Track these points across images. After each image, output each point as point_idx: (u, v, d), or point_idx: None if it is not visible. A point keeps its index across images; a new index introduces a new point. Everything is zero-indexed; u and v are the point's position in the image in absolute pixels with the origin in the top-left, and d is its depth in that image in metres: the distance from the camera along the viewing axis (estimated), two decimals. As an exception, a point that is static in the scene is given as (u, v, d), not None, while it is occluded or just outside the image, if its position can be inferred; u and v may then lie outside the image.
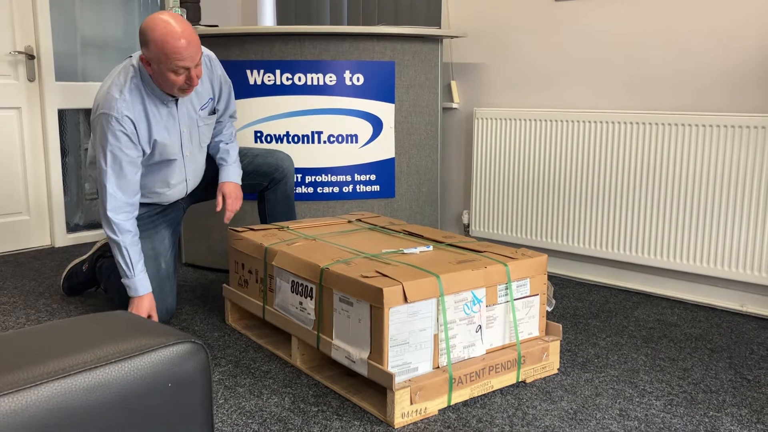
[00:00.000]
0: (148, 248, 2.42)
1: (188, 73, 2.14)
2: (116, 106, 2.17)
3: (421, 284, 1.79)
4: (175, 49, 2.07)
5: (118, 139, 2.19)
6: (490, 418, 1.81)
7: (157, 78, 2.18)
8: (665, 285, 2.86)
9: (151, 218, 2.47)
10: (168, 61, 2.09)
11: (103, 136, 2.19)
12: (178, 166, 2.42)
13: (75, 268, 2.78)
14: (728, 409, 1.87)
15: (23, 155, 3.55)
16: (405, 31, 2.99)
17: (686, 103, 2.74)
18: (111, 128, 2.17)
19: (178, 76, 2.13)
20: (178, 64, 2.09)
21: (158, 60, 2.11)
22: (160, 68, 2.13)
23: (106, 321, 0.92)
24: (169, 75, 2.12)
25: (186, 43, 2.09)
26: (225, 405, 1.87)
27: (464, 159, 3.50)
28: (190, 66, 2.12)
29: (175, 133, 2.34)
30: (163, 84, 2.18)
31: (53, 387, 0.73)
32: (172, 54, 2.08)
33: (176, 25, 2.09)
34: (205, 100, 2.41)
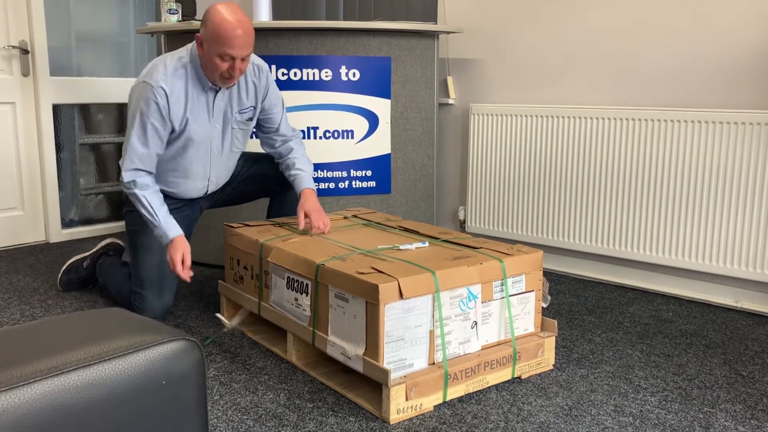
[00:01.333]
0: (156, 242, 2.42)
1: (233, 63, 2.17)
2: (155, 76, 2.22)
3: (416, 280, 1.79)
4: (228, 34, 2.12)
5: (149, 107, 2.22)
6: (485, 414, 1.81)
7: (204, 59, 2.22)
8: (660, 281, 2.86)
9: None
10: (218, 44, 2.14)
11: (135, 102, 2.25)
12: (203, 160, 2.40)
13: (75, 264, 2.78)
14: (722, 404, 1.88)
15: (18, 150, 3.53)
16: (401, 27, 2.98)
17: (683, 100, 2.75)
18: (144, 95, 2.22)
19: (223, 62, 2.17)
20: (226, 50, 2.14)
21: (210, 40, 2.16)
22: (209, 50, 2.17)
23: (100, 318, 0.91)
24: (215, 59, 2.17)
25: (240, 33, 2.13)
26: (220, 401, 1.87)
27: (460, 155, 3.50)
28: (237, 56, 2.16)
29: (206, 123, 2.35)
30: (207, 67, 2.23)
31: (46, 385, 0.72)
32: (224, 38, 2.13)
33: (236, 13, 2.15)
34: (246, 106, 2.41)
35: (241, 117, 2.41)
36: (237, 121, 2.41)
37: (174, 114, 2.25)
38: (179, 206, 2.48)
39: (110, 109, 3.90)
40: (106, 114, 3.90)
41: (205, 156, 2.39)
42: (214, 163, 2.44)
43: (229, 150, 2.46)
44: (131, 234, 2.46)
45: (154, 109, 2.22)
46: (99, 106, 3.85)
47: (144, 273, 2.41)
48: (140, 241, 2.43)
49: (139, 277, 2.42)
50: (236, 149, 2.49)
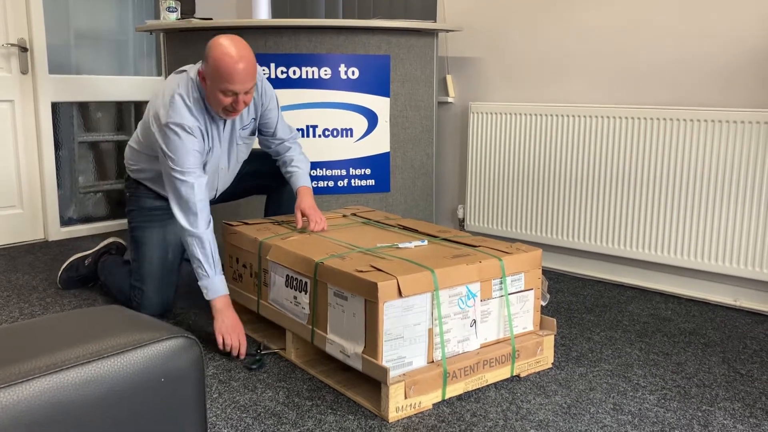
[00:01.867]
0: (158, 236, 2.43)
1: (236, 97, 2.15)
2: (185, 116, 2.17)
3: (415, 278, 1.79)
4: (229, 70, 2.09)
5: (190, 142, 2.18)
6: (484, 412, 1.81)
7: (208, 94, 2.20)
8: (659, 280, 2.86)
9: (168, 212, 2.43)
10: (220, 81, 2.11)
11: (173, 145, 2.17)
12: (212, 177, 2.41)
13: (76, 262, 2.79)
14: (721, 403, 1.88)
15: (16, 148, 3.53)
16: (400, 25, 2.98)
17: (682, 98, 2.75)
18: (182, 137, 2.16)
19: (226, 97, 2.15)
20: (228, 86, 2.11)
21: (212, 77, 2.14)
22: (212, 85, 2.15)
23: (99, 315, 0.91)
24: (218, 94, 2.15)
25: (241, 68, 2.10)
26: (219, 399, 1.87)
27: (459, 153, 3.50)
28: (239, 92, 2.14)
29: (218, 150, 2.35)
30: (211, 102, 2.20)
31: (45, 382, 0.72)
32: (225, 74, 2.10)
33: (237, 48, 2.11)
34: (248, 121, 2.41)
35: (244, 133, 2.42)
36: (241, 137, 2.42)
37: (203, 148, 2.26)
38: None
39: (109, 107, 3.90)
40: (105, 112, 3.89)
41: (214, 174, 2.41)
42: (221, 177, 2.46)
43: (236, 163, 2.48)
44: (134, 230, 2.47)
45: (196, 145, 2.20)
46: (98, 104, 3.85)
47: (145, 267, 2.42)
48: (142, 236, 2.44)
49: (140, 272, 2.43)
50: (241, 160, 2.51)
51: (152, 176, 2.44)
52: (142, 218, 2.45)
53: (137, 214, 2.47)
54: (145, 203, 2.46)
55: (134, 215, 2.48)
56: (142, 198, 2.47)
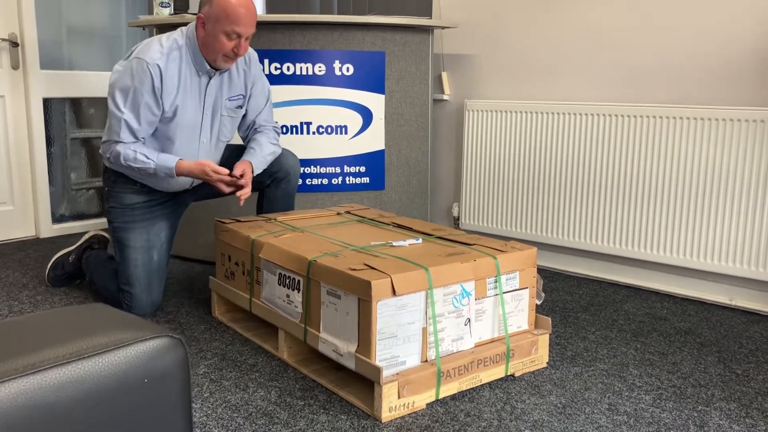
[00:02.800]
0: (142, 239, 2.39)
1: (238, 41, 2.19)
2: (150, 54, 2.19)
3: (409, 277, 1.77)
4: (236, 11, 2.15)
5: (142, 83, 2.18)
6: (478, 412, 1.79)
7: (207, 40, 2.21)
8: (655, 279, 2.85)
9: (151, 209, 2.42)
10: (226, 22, 2.15)
11: (127, 78, 2.19)
12: (191, 149, 2.36)
13: (61, 259, 2.75)
14: (717, 403, 1.86)
15: (7, 144, 3.49)
16: (396, 21, 2.96)
17: (679, 96, 2.73)
18: (138, 72, 2.17)
19: (229, 40, 2.18)
20: (234, 27, 2.16)
21: (216, 19, 2.16)
22: (214, 29, 2.17)
23: (82, 314, 0.89)
24: (221, 37, 2.17)
25: (246, 11, 2.17)
26: (210, 398, 1.85)
27: (455, 151, 3.48)
28: (243, 34, 2.19)
29: (198, 110, 2.32)
30: (210, 48, 2.21)
31: (22, 383, 0.70)
32: (232, 15, 2.15)
33: None
34: (236, 93, 2.40)
35: (230, 104, 2.39)
36: (226, 108, 2.39)
37: (166, 95, 2.22)
38: (165, 200, 2.45)
39: (102, 104, 3.86)
40: (98, 108, 3.86)
41: (193, 144, 2.36)
42: (202, 152, 2.40)
43: (216, 139, 2.43)
44: (116, 231, 2.41)
45: (148, 87, 2.19)
46: (90, 101, 3.81)
47: (131, 270, 2.38)
48: (125, 237, 2.39)
49: (126, 275, 2.39)
50: (224, 138, 2.46)
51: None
52: (124, 218, 2.39)
53: (119, 212, 2.40)
54: (126, 199, 2.39)
55: (116, 214, 2.40)
56: (121, 194, 2.39)
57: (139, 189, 2.39)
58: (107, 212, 2.45)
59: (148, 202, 2.41)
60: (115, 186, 2.40)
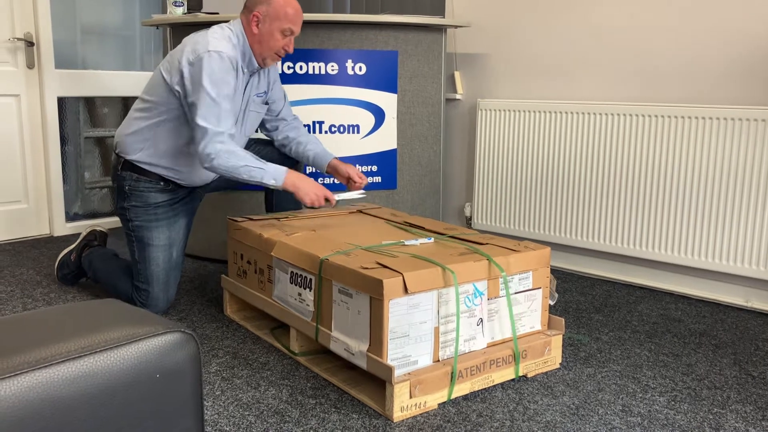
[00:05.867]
0: (164, 237, 2.39)
1: (290, 39, 2.29)
2: (226, 47, 2.22)
3: (421, 275, 1.76)
4: (295, 11, 2.27)
5: (228, 73, 2.20)
6: (490, 412, 1.78)
7: (261, 37, 2.27)
8: (669, 280, 2.82)
9: (173, 206, 2.42)
10: (285, 20, 2.25)
11: (213, 71, 2.17)
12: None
13: (65, 258, 2.75)
14: (733, 405, 1.84)
15: (22, 143, 3.51)
16: (408, 20, 2.95)
17: (693, 96, 2.70)
18: (219, 62, 2.18)
19: (284, 38, 2.27)
20: (291, 26, 2.26)
21: (275, 17, 2.24)
22: (271, 27, 2.25)
23: (94, 309, 0.89)
24: (277, 35, 2.26)
25: (300, 11, 2.29)
26: (222, 397, 1.85)
27: (467, 151, 3.46)
28: (297, 32, 2.29)
29: (238, 104, 2.35)
30: (265, 45, 2.27)
31: (35, 377, 0.70)
32: (292, 15, 2.26)
33: None
34: (261, 90, 2.46)
35: (258, 100, 2.45)
36: (255, 103, 2.44)
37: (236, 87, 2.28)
38: (183, 196, 2.46)
39: (115, 103, 3.88)
40: (111, 107, 3.88)
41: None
42: None
43: (243, 134, 2.45)
44: (137, 230, 2.39)
45: (233, 76, 2.22)
46: (104, 100, 3.83)
47: (152, 269, 2.38)
48: (148, 236, 2.38)
49: (146, 274, 2.39)
50: (247, 134, 2.49)
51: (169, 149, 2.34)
52: (147, 216, 2.38)
53: (141, 211, 2.37)
54: (150, 198, 2.37)
55: (138, 212, 2.38)
56: (145, 193, 2.37)
57: (163, 187, 2.38)
58: (126, 210, 2.39)
59: (171, 200, 2.42)
60: (138, 184, 2.36)
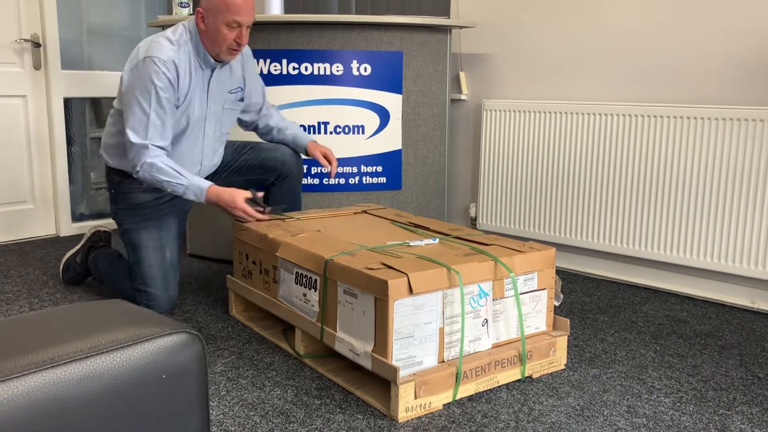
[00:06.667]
0: (154, 238, 2.40)
1: (240, 30, 2.19)
2: (163, 51, 2.19)
3: (426, 276, 1.76)
4: (234, 1, 2.15)
5: (161, 80, 2.18)
6: (495, 413, 1.78)
7: (208, 33, 2.21)
8: (675, 281, 2.81)
9: (159, 206, 2.43)
10: (226, 13, 2.16)
11: (145, 79, 2.17)
12: (197, 144, 2.37)
13: (70, 260, 2.76)
14: (739, 407, 1.83)
15: (29, 144, 3.53)
16: (413, 21, 2.95)
17: (698, 96, 2.70)
18: (155, 70, 2.17)
19: (231, 30, 2.18)
20: (235, 17, 2.16)
21: (216, 11, 2.17)
22: (215, 21, 2.18)
23: (100, 309, 0.89)
24: (222, 29, 2.18)
25: (245, 2, 2.17)
26: (227, 397, 1.85)
27: (472, 151, 3.46)
28: (244, 23, 2.19)
29: (202, 104, 2.33)
30: (212, 41, 2.22)
31: (41, 377, 0.70)
32: (231, 5, 2.15)
33: None
34: (235, 86, 2.42)
35: (231, 97, 2.42)
36: (229, 101, 2.41)
37: (181, 89, 2.24)
38: (173, 198, 2.44)
39: (121, 103, 3.90)
40: (117, 108, 3.89)
41: (198, 139, 2.38)
42: (207, 146, 2.42)
43: (219, 133, 2.45)
44: (127, 233, 2.41)
45: (166, 84, 2.19)
46: (110, 100, 3.84)
47: (146, 270, 2.39)
48: (137, 237, 2.39)
49: (142, 275, 2.39)
50: (225, 132, 2.49)
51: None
52: (134, 218, 2.39)
53: (128, 213, 2.39)
54: (134, 199, 2.38)
55: (125, 215, 2.40)
56: (128, 193, 2.38)
57: (146, 187, 2.37)
58: (115, 214, 2.44)
59: (157, 200, 2.41)
60: (121, 186, 2.39)
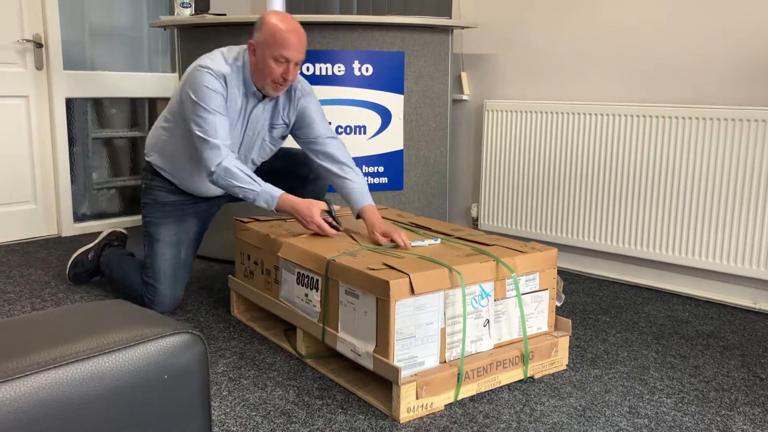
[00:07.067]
0: (171, 234, 2.42)
1: (287, 66, 2.16)
2: (217, 64, 2.19)
3: (428, 276, 1.76)
4: (285, 36, 2.13)
5: (216, 87, 2.17)
6: (497, 413, 1.78)
7: (257, 65, 2.19)
8: (676, 281, 2.81)
9: (182, 206, 2.45)
10: (275, 47, 2.14)
11: (201, 85, 2.16)
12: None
13: (81, 257, 2.78)
14: (741, 407, 1.83)
15: (31, 144, 3.53)
16: (415, 21, 2.95)
17: (700, 96, 2.69)
18: (209, 79, 2.17)
19: (278, 65, 2.15)
20: (283, 52, 2.13)
21: (265, 44, 2.15)
22: (264, 54, 2.16)
23: (102, 310, 0.89)
24: (270, 62, 2.15)
25: (296, 36, 2.15)
26: (229, 397, 1.85)
27: (474, 151, 3.46)
28: (291, 59, 2.15)
29: (237, 129, 2.31)
30: (259, 73, 2.19)
31: (44, 377, 0.70)
32: (281, 39, 2.13)
33: (291, 20, 2.18)
34: (280, 122, 2.37)
35: (274, 131, 2.38)
36: (270, 135, 2.38)
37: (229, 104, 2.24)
38: (197, 200, 2.47)
39: (123, 104, 3.90)
40: (119, 108, 3.89)
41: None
42: None
43: (251, 164, 2.43)
44: (148, 225, 2.46)
45: (221, 91, 2.20)
46: (112, 101, 3.85)
47: (159, 265, 2.41)
48: (155, 231, 2.43)
49: (154, 269, 2.42)
50: (259, 161, 2.47)
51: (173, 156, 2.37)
52: (157, 213, 2.44)
53: (152, 208, 2.45)
54: (160, 197, 2.44)
55: (149, 209, 2.46)
56: (156, 190, 2.44)
57: (174, 189, 2.43)
58: (142, 206, 2.50)
59: (181, 202, 2.45)
60: (152, 183, 2.45)
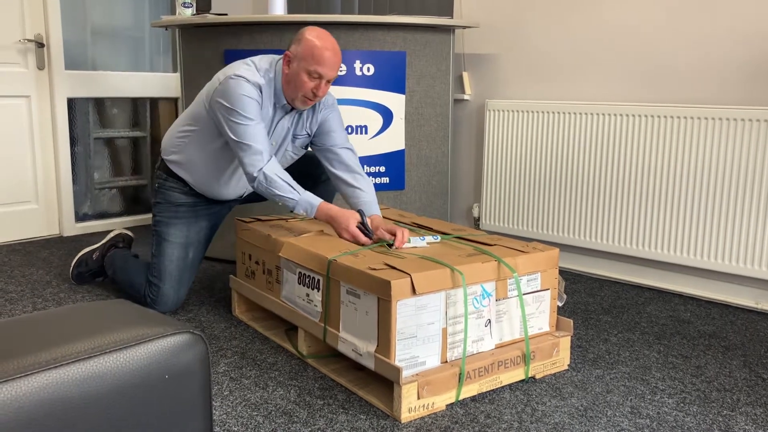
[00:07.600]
0: (181, 235, 2.42)
1: (319, 82, 2.17)
2: (250, 73, 2.20)
3: (429, 276, 1.76)
4: (322, 53, 2.15)
5: (252, 95, 2.18)
6: (498, 414, 1.78)
7: (290, 77, 2.20)
8: (678, 281, 2.81)
9: (195, 208, 2.45)
10: (310, 61, 2.15)
11: (237, 94, 2.17)
12: (238, 170, 2.38)
13: (85, 256, 2.79)
14: (743, 408, 1.83)
15: (32, 144, 3.54)
16: (416, 21, 2.95)
17: (702, 96, 2.69)
18: (244, 86, 2.17)
19: (311, 80, 2.17)
20: (317, 68, 2.15)
21: (302, 57, 2.16)
22: (298, 66, 2.17)
23: (103, 309, 0.89)
24: (303, 75, 2.17)
25: (332, 54, 2.17)
26: (230, 397, 1.85)
27: (475, 151, 3.46)
28: (325, 76, 2.17)
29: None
30: (291, 86, 2.21)
31: (45, 377, 0.70)
32: (317, 55, 2.15)
33: (330, 37, 2.21)
34: (303, 133, 2.39)
35: (297, 141, 2.40)
36: (294, 146, 2.40)
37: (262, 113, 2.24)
38: (211, 202, 2.48)
39: (125, 104, 3.90)
40: (121, 108, 3.90)
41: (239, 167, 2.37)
42: (243, 177, 2.42)
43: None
44: (158, 224, 2.46)
45: (258, 99, 2.20)
46: (113, 101, 3.85)
47: (165, 264, 2.41)
48: (165, 231, 2.43)
49: (159, 268, 2.42)
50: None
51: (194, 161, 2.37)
52: (168, 213, 2.44)
53: (164, 207, 2.45)
54: (172, 197, 2.44)
55: (161, 209, 2.46)
56: (170, 191, 2.44)
57: (188, 191, 2.44)
58: (153, 205, 2.51)
59: (194, 203, 2.45)
60: (166, 183, 2.45)
